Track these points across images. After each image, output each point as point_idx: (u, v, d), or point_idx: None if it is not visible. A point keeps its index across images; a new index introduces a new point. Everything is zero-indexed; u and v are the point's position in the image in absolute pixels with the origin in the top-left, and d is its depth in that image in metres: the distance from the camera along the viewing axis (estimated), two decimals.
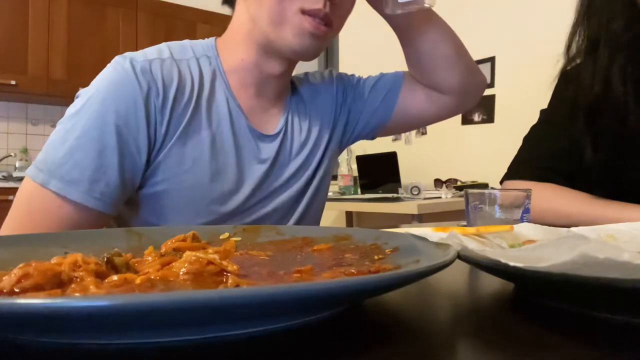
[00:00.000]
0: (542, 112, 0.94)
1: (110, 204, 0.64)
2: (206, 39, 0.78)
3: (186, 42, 0.76)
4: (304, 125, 0.83)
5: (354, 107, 0.88)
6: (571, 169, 0.83)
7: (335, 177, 3.10)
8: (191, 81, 0.71)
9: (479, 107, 2.56)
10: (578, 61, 0.85)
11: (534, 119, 0.94)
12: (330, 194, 2.87)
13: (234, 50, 0.74)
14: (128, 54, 0.68)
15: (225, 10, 0.81)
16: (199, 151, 0.69)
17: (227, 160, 0.72)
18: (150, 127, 0.66)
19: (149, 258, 0.34)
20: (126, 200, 0.70)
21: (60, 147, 0.62)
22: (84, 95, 0.65)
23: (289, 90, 0.84)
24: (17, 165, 3.05)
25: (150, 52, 0.70)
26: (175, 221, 0.70)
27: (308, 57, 0.71)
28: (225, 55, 0.75)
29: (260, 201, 0.76)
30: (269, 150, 0.77)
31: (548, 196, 0.79)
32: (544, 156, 0.85)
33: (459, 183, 2.49)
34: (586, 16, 0.83)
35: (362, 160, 2.81)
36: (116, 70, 0.66)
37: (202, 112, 0.71)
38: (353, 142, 0.92)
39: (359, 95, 0.88)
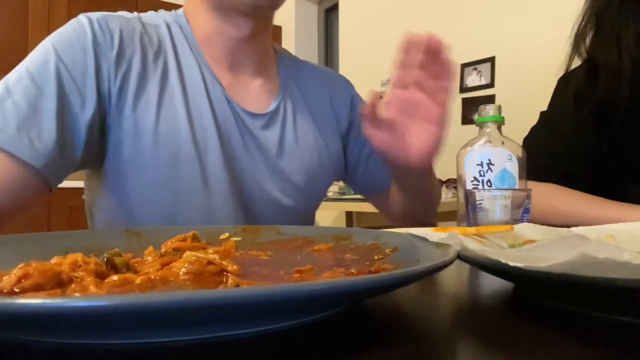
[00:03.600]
0: (542, 114, 0.94)
1: (43, 156, 0.56)
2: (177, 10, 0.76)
3: (159, 11, 0.74)
4: (303, 116, 0.79)
5: (351, 140, 0.86)
6: (571, 169, 0.83)
7: None
8: (158, 45, 0.68)
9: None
10: (588, 39, 0.85)
11: (533, 119, 0.94)
12: (330, 193, 2.87)
13: (196, 19, 0.72)
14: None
15: None
16: (173, 122, 0.65)
17: (207, 134, 0.68)
18: (102, 81, 0.62)
19: (149, 258, 0.34)
20: (97, 180, 0.66)
21: None
22: None
23: (273, 63, 0.80)
24: None
25: (115, 13, 0.68)
26: (149, 204, 0.66)
27: (266, 6, 0.68)
28: (192, 25, 0.73)
29: (245, 189, 0.72)
30: (253, 129, 0.73)
31: (548, 196, 0.79)
32: (544, 156, 0.85)
33: None
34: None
35: None
36: (71, 23, 0.64)
37: (173, 80, 0.67)
38: None
39: (360, 143, 0.86)
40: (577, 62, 0.89)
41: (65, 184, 0.81)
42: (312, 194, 0.80)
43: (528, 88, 2.25)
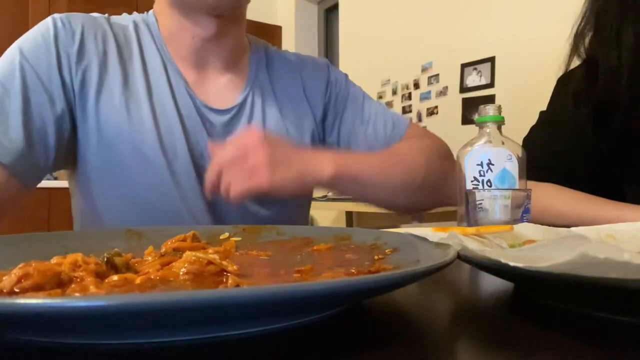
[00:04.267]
0: (542, 114, 0.94)
1: (11, 153, 0.57)
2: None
3: (133, 14, 0.75)
4: (272, 107, 0.76)
5: (334, 121, 0.81)
6: (571, 169, 0.83)
7: None
8: (123, 42, 0.69)
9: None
10: (587, 39, 0.85)
11: (533, 119, 0.94)
12: (329, 194, 2.87)
13: (163, 17, 0.73)
14: None
15: None
16: (136, 116, 0.66)
17: (173, 130, 0.67)
18: (64, 76, 0.63)
19: (149, 258, 0.34)
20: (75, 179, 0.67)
21: None
22: None
23: (244, 59, 0.78)
24: None
25: (83, 13, 0.70)
26: (117, 204, 0.65)
27: (226, 6, 0.68)
28: (159, 23, 0.73)
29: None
30: (218, 126, 0.71)
31: (548, 196, 0.79)
32: (543, 156, 0.85)
33: None
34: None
35: None
36: (38, 24, 0.66)
37: (137, 77, 0.68)
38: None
39: (347, 119, 0.81)
40: (576, 63, 0.89)
41: (65, 184, 0.81)
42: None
43: (528, 88, 2.25)
